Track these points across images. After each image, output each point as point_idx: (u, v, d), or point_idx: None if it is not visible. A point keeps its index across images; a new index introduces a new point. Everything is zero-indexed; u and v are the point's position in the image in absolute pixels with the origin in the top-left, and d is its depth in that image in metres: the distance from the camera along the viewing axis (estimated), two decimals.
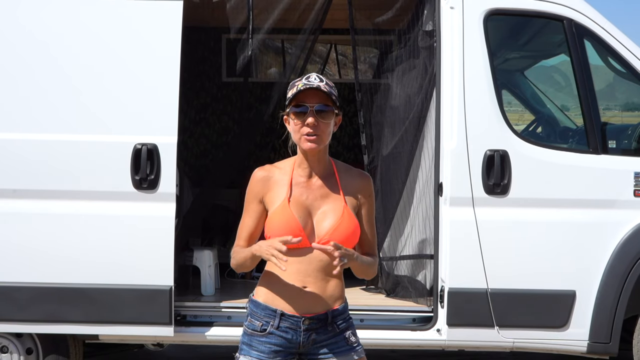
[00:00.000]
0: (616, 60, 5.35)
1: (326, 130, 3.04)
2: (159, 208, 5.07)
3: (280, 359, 3.10)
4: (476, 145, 5.12)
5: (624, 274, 5.09)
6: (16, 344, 5.27)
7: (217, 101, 8.19)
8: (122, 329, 5.14)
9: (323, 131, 3.03)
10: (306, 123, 3.01)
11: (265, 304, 3.10)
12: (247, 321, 3.15)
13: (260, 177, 3.12)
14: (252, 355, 3.10)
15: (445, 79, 5.19)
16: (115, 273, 5.08)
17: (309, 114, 3.01)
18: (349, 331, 3.15)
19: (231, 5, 5.65)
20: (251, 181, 3.13)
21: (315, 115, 3.01)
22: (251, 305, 3.15)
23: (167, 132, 5.08)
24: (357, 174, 3.19)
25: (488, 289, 5.10)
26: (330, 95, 3.03)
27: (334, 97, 3.04)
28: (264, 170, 3.14)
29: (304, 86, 3.02)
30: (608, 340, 5.10)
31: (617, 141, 5.49)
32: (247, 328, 3.14)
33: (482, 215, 5.11)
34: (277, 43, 8.66)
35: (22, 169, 5.10)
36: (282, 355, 3.10)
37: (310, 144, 3.02)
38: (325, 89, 3.02)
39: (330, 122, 3.05)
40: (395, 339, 5.26)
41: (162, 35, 5.15)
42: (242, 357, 3.12)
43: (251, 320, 3.13)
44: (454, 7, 5.20)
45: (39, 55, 5.15)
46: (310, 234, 3.06)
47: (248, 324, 3.14)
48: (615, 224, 5.13)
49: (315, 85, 3.01)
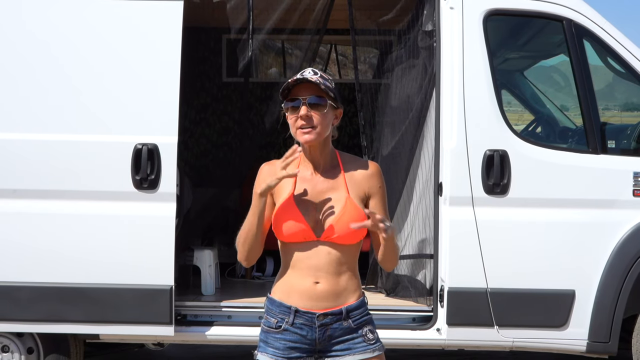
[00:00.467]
0: (615, 61, 5.36)
1: (322, 122, 3.04)
2: (159, 208, 5.08)
3: (296, 355, 3.08)
4: (476, 145, 5.13)
5: (623, 274, 5.10)
6: (17, 343, 5.28)
7: (217, 101, 8.19)
8: (123, 328, 5.14)
9: (318, 123, 3.03)
10: (299, 115, 3.03)
11: (280, 301, 3.10)
12: (264, 318, 3.15)
13: (267, 171, 3.12)
14: (269, 352, 3.09)
15: (445, 79, 5.19)
16: (115, 273, 5.09)
17: (302, 105, 3.03)
18: (366, 327, 3.13)
19: (231, 5, 5.66)
20: (259, 175, 3.13)
21: (307, 106, 3.03)
22: (267, 302, 3.16)
23: (168, 132, 5.09)
24: (364, 164, 3.19)
25: (488, 289, 5.10)
26: (322, 86, 3.03)
27: (326, 88, 3.04)
28: (270, 165, 3.14)
29: (294, 80, 3.04)
30: (607, 340, 5.11)
31: (616, 141, 5.50)
32: (264, 325, 3.14)
33: (482, 215, 5.11)
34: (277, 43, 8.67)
35: (22, 168, 5.11)
36: (299, 352, 3.08)
37: (307, 136, 3.03)
38: (317, 80, 3.03)
39: (326, 114, 3.05)
40: (395, 339, 5.25)
41: (163, 36, 5.16)
42: (259, 354, 3.12)
43: (267, 318, 3.13)
44: (453, 8, 5.20)
45: (40, 56, 5.16)
46: (316, 227, 3.05)
47: (264, 321, 3.14)
48: (614, 224, 5.14)
49: (307, 78, 3.03)
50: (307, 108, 3.03)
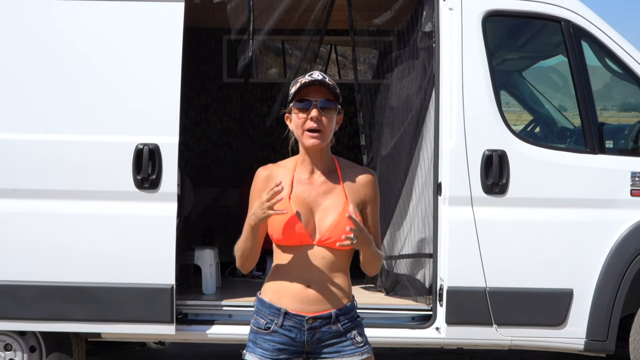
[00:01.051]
0: (613, 61, 5.37)
1: (329, 126, 3.04)
2: (160, 208, 5.09)
3: (285, 357, 3.09)
4: (475, 145, 5.14)
5: (620, 273, 5.11)
6: (20, 341, 5.29)
7: (218, 102, 8.21)
8: (124, 327, 5.15)
9: (326, 127, 3.03)
10: (310, 117, 3.00)
11: (270, 302, 3.10)
12: (254, 319, 3.15)
13: (263, 176, 3.11)
14: (257, 352, 3.09)
15: (444, 79, 5.20)
16: (117, 272, 5.09)
17: (313, 107, 3.01)
18: (354, 331, 3.12)
19: (232, 6, 5.67)
20: (254, 181, 3.13)
21: (318, 109, 3.01)
22: (257, 303, 3.16)
23: (169, 132, 5.10)
24: (361, 171, 3.17)
25: (486, 288, 5.11)
26: (334, 89, 3.03)
27: (337, 91, 3.04)
28: (266, 169, 3.13)
29: (307, 81, 3.02)
30: (605, 338, 5.12)
31: (614, 141, 5.51)
32: (253, 326, 3.14)
33: (481, 215, 5.13)
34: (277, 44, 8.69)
35: (24, 168, 5.11)
36: (287, 353, 3.09)
37: (314, 140, 3.02)
38: (330, 83, 3.03)
39: (333, 119, 3.05)
40: (394, 337, 5.27)
41: (164, 36, 5.16)
42: (248, 354, 3.12)
43: (257, 318, 3.13)
44: (452, 8, 5.21)
45: (42, 56, 5.16)
46: (312, 231, 3.05)
47: (254, 322, 3.14)
48: (612, 223, 5.15)
49: (320, 80, 3.02)
50: (319, 111, 3.01)
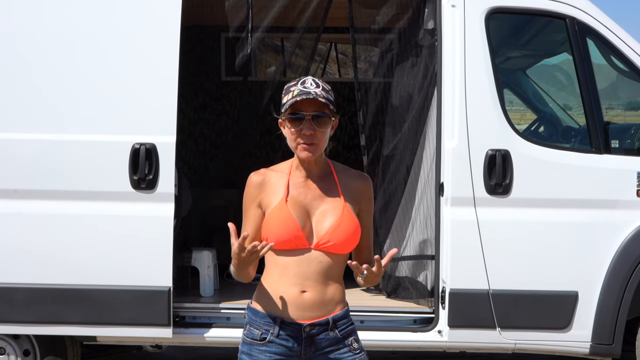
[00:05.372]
0: (619, 59, 5.33)
1: (323, 138, 2.99)
2: (157, 208, 5.06)
3: None
4: (477, 145, 5.10)
5: (626, 275, 5.08)
6: (13, 345, 5.25)
7: (216, 100, 8.17)
8: (120, 330, 5.12)
9: (320, 139, 2.98)
10: (302, 133, 2.96)
11: (264, 312, 3.02)
12: (246, 330, 3.06)
13: (255, 182, 3.06)
14: None
15: (446, 78, 5.16)
16: (113, 274, 5.07)
17: (306, 122, 2.95)
18: (351, 337, 3.07)
19: (230, 3, 5.63)
20: (247, 187, 3.08)
21: (311, 123, 2.96)
22: (249, 313, 3.07)
23: (166, 132, 5.06)
24: (356, 175, 3.13)
25: (489, 290, 5.08)
26: (326, 101, 2.96)
27: (328, 102, 2.97)
28: (259, 175, 3.08)
29: (299, 95, 2.95)
30: (611, 342, 5.08)
31: (619, 141, 5.48)
32: (246, 337, 3.05)
33: (484, 216, 5.09)
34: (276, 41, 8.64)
35: (19, 169, 5.08)
36: None
37: (307, 153, 2.98)
38: (322, 96, 2.95)
39: (327, 130, 3.00)
40: (396, 340, 5.25)
41: (161, 34, 5.13)
42: None
43: (250, 329, 3.05)
44: (455, 5, 5.18)
45: (38, 55, 5.13)
46: (309, 235, 3.00)
47: (247, 333, 3.06)
48: (617, 224, 5.11)
49: (312, 94, 2.94)
50: (312, 125, 2.96)
